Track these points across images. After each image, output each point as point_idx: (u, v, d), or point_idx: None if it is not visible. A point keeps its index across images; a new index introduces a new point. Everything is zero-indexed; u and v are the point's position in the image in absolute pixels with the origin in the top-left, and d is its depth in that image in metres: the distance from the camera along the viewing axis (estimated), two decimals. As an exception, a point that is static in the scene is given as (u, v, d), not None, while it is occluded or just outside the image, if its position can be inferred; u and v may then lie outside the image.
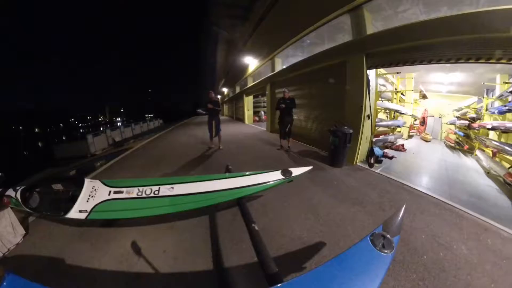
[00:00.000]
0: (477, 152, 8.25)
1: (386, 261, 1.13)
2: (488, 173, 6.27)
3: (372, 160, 5.64)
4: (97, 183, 2.74)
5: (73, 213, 2.47)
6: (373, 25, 5.68)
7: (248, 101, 17.68)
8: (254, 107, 19.97)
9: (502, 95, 7.22)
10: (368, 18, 5.43)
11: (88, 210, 2.47)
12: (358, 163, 5.78)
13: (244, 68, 15.89)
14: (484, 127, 7.76)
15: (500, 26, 3.13)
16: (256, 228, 1.83)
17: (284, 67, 10.20)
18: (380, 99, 8.00)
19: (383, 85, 8.51)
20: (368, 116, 5.65)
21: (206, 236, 2.59)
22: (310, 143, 7.85)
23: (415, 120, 13.12)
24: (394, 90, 9.45)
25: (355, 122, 5.51)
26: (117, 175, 4.99)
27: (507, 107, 6.37)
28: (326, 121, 6.66)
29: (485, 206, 4.00)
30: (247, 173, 2.72)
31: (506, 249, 2.67)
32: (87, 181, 2.75)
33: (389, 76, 8.88)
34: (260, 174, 2.69)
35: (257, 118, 19.42)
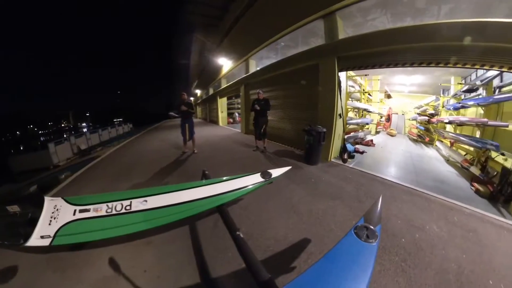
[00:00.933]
0: (437, 143, 9.39)
1: (373, 250, 1.20)
2: (447, 160, 7.23)
3: (345, 156, 6.00)
4: (60, 202, 2.35)
5: (34, 240, 2.04)
6: (344, 31, 6.00)
7: (222, 103, 17.45)
8: (228, 108, 19.78)
9: (456, 94, 8.45)
10: (340, 24, 5.73)
11: (52, 234, 2.06)
12: (332, 160, 6.06)
13: (218, 69, 15.67)
14: (441, 122, 8.82)
15: (455, 36, 3.65)
16: (241, 235, 1.78)
17: (258, 68, 10.25)
18: (350, 99, 8.46)
19: (353, 86, 9.02)
20: (339, 115, 5.97)
21: (188, 248, 2.41)
22: (285, 143, 7.96)
23: (381, 117, 14.34)
24: (363, 91, 10.11)
25: (328, 121, 5.79)
26: (85, 188, 4.44)
27: (460, 104, 7.28)
28: (301, 121, 6.88)
29: (448, 189, 4.61)
30: (225, 178, 2.61)
31: (471, 223, 3.15)
32: (47, 200, 2.34)
33: (358, 78, 9.62)
34: (239, 178, 2.61)
35: (231, 120, 19.24)
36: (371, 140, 9.19)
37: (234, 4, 10.08)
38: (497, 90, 5.96)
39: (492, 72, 5.74)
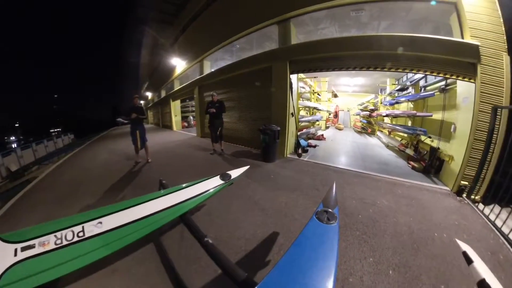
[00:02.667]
0: (378, 133, 11.12)
1: (335, 230, 1.33)
2: (387, 146, 8.60)
3: (300, 151, 6.41)
4: None
5: None
6: (297, 37, 6.45)
7: (175, 106, 16.22)
8: (182, 112, 18.51)
9: (391, 92, 9.98)
10: (293, 31, 6.13)
11: (-10, 289, 1.63)
12: (288, 155, 6.35)
13: (171, 69, 14.72)
14: (380, 115, 10.23)
15: (391, 46, 4.45)
16: (210, 241, 1.71)
17: (213, 70, 10.09)
18: (301, 99, 9.03)
19: (303, 87, 9.62)
20: (292, 114, 6.31)
21: (158, 267, 2.17)
22: (242, 143, 7.98)
23: (330, 114, 15.78)
24: (312, 91, 10.88)
25: (281, 120, 6.08)
26: (23, 221, 3.27)
27: (395, 100, 8.64)
28: (256, 121, 7.07)
29: (390, 169, 5.50)
30: (184, 185, 2.45)
31: (412, 193, 3.93)
32: None
33: (308, 79, 10.27)
34: (199, 184, 2.50)
35: (186, 124, 18.01)
36: (322, 135, 10.11)
37: (192, 2, 9.79)
38: (422, 89, 7.18)
39: (419, 75, 6.88)
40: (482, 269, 1.12)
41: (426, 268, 2.10)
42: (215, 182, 2.52)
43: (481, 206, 3.52)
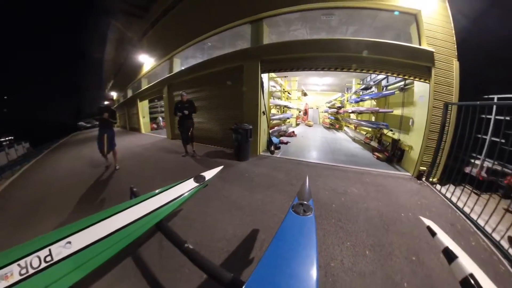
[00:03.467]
0: (345, 128, 11.89)
1: (312, 221, 1.40)
2: (354, 140, 9.19)
3: (272, 148, 6.42)
4: None
5: None
6: (269, 37, 6.41)
7: (143, 107, 14.98)
8: (151, 113, 17.31)
9: (356, 91, 10.49)
10: (266, 31, 6.12)
11: None
12: (261, 153, 6.32)
13: (139, 67, 13.61)
14: (347, 112, 11.02)
15: (357, 49, 4.79)
16: (191, 246, 1.64)
17: (183, 68, 9.69)
18: (272, 97, 9.10)
19: (274, 86, 9.76)
20: (263, 112, 6.31)
21: (140, 282, 1.98)
22: (214, 143, 7.71)
23: (300, 112, 16.24)
24: (283, 90, 11.12)
25: (253, 119, 6.04)
26: None
27: (359, 98, 9.21)
28: (228, 120, 6.87)
29: (357, 160, 5.90)
30: (157, 191, 2.29)
31: (378, 180, 4.30)
32: None
33: (278, 79, 10.47)
34: (172, 188, 2.36)
35: (155, 126, 16.72)
36: (293, 132, 10.42)
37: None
38: (384, 88, 7.73)
39: (382, 76, 7.44)
40: (444, 239, 1.28)
41: (397, 245, 2.31)
42: (189, 185, 2.41)
43: (438, 186, 4.06)
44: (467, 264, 1.10)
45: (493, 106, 4.07)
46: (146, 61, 12.00)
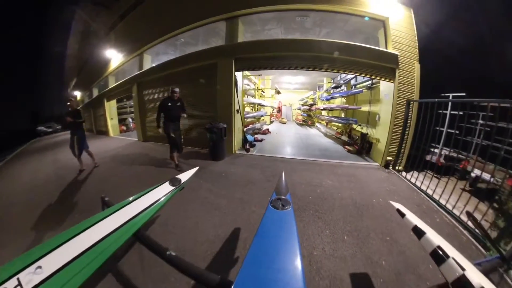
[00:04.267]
0: (317, 124, 12.27)
1: (291, 214, 1.41)
2: (326, 135, 9.59)
3: (248, 146, 6.33)
4: None
5: None
6: (244, 35, 6.33)
7: (111, 107, 13.59)
8: (119, 113, 15.52)
9: (327, 89, 10.87)
10: (241, 29, 6.05)
11: None
12: (237, 152, 6.20)
13: (105, 64, 12.28)
14: (318, 109, 11.29)
15: (328, 50, 5.01)
16: (173, 253, 1.54)
17: (154, 65, 9.21)
18: (246, 96, 9.06)
19: (248, 85, 9.67)
20: (237, 110, 6.21)
21: None
22: (188, 144, 7.36)
23: (274, 109, 16.44)
24: (257, 88, 11.16)
25: (227, 117, 5.94)
26: None
27: (330, 96, 9.58)
28: (201, 120, 6.66)
29: (330, 154, 6.15)
30: (131, 198, 2.11)
31: (350, 171, 4.60)
32: None
33: (252, 77, 10.48)
34: (147, 194, 2.19)
35: (124, 128, 15.24)
36: (267, 129, 10.42)
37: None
38: (353, 87, 8.16)
39: (351, 75, 7.72)
40: (412, 218, 1.45)
41: (372, 228, 2.48)
42: (165, 189, 2.26)
43: (404, 173, 4.53)
44: (434, 238, 1.26)
45: (449, 102, 4.70)
46: (114, 56, 10.99)
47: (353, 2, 5.06)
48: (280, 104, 17.44)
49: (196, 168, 2.63)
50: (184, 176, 2.42)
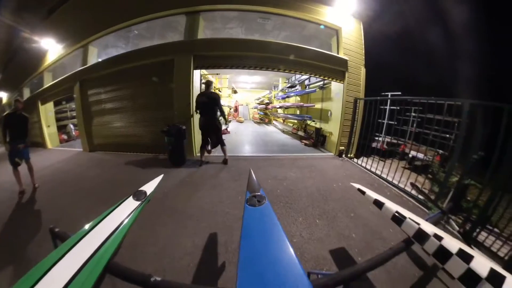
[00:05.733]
0: (274, 122, 12.85)
1: (269, 207, 1.44)
2: (283, 131, 9.98)
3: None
4: None
5: None
6: (204, 32, 6.01)
7: (47, 112, 10.89)
8: (58, 119, 12.29)
9: (283, 88, 11.35)
10: (201, 25, 5.72)
11: None
12: (198, 154, 5.50)
13: (40, 56, 9.82)
14: (275, 107, 11.76)
15: (286, 52, 5.27)
16: (158, 278, 1.31)
17: (101, 60, 7.93)
18: None
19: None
20: (196, 111, 6.05)
21: None
22: (144, 150, 6.43)
23: (231, 109, 16.34)
24: (214, 88, 10.94)
25: (185, 118, 5.59)
26: None
27: (286, 95, 10.06)
28: (158, 122, 5.96)
29: (289, 148, 6.49)
30: (90, 224, 1.62)
31: (309, 163, 4.90)
32: None
33: (210, 76, 10.09)
34: (110, 215, 1.76)
35: (65, 137, 12.08)
36: (226, 129, 10.14)
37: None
38: (307, 87, 8.62)
39: (305, 76, 8.16)
40: (372, 194, 1.68)
41: (338, 208, 2.73)
42: (129, 205, 1.87)
43: (355, 160, 5.18)
44: (391, 206, 1.52)
45: (388, 100, 5.58)
46: (52, 48, 8.92)
47: (312, 11, 5.43)
48: (237, 104, 17.47)
49: (161, 176, 2.27)
50: (149, 187, 2.08)
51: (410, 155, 5.20)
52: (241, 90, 16.80)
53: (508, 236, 2.15)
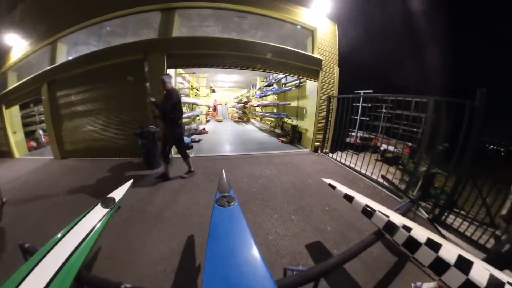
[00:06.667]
0: (252, 120, 12.76)
1: (238, 208, 1.39)
2: (261, 129, 9.99)
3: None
4: None
5: None
6: (179, 30, 5.71)
7: (13, 116, 9.78)
8: (25, 124, 10.96)
9: (260, 87, 11.24)
10: (177, 22, 5.41)
11: None
12: (173, 155, 5.26)
13: (3, 54, 9.04)
14: (253, 106, 11.73)
15: (263, 51, 5.18)
16: (128, 285, 1.27)
17: (71, 58, 7.31)
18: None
19: (182, 83, 9.01)
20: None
21: None
22: (117, 154, 5.98)
23: (209, 108, 15.92)
24: (191, 87, 10.57)
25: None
26: None
27: (263, 94, 10.03)
28: (131, 124, 5.53)
29: (266, 146, 6.39)
30: (60, 235, 1.57)
31: (285, 159, 4.87)
32: None
33: (186, 75, 9.78)
34: (78, 224, 1.69)
35: (34, 144, 10.73)
36: (204, 129, 9.87)
37: None
38: (284, 85, 8.56)
39: (282, 75, 8.10)
40: (342, 188, 1.71)
41: (313, 203, 2.71)
42: (98, 213, 1.80)
43: (330, 154, 5.28)
44: (361, 199, 1.55)
45: (360, 97, 5.78)
46: (16, 44, 8.15)
47: (289, 12, 5.40)
48: (215, 103, 17.14)
49: (130, 182, 2.18)
50: (117, 194, 1.98)
51: (381, 148, 5.50)
52: (219, 89, 16.46)
53: (474, 217, 2.37)
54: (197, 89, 11.48)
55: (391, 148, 5.19)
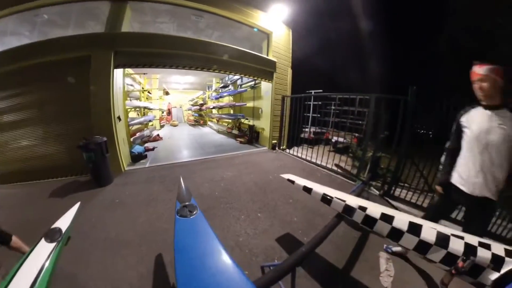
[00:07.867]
0: (209, 123, 12.44)
1: (201, 216, 1.33)
2: (218, 131, 9.78)
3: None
4: None
5: None
6: (130, 24, 5.04)
7: None
8: None
9: (216, 89, 11.04)
10: (128, 15, 4.68)
11: None
12: (126, 168, 4.78)
13: None
14: (209, 108, 11.29)
15: (219, 52, 5.06)
16: None
17: None
18: (128, 98, 7.12)
19: (131, 85, 7.83)
20: (118, 117, 4.73)
21: None
22: (59, 174, 4.97)
23: (163, 112, 14.79)
24: (142, 89, 9.51)
25: (106, 128, 4.39)
26: None
27: (219, 95, 9.82)
28: (73, 136, 4.60)
29: (225, 148, 6.24)
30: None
31: (245, 159, 4.92)
32: None
33: (136, 76, 8.58)
34: (21, 268, 1.11)
35: None
36: (158, 135, 8.81)
37: None
38: (239, 86, 8.65)
39: (237, 76, 8.06)
40: (300, 181, 1.80)
41: (277, 198, 2.77)
42: (43, 250, 1.35)
43: (287, 150, 5.54)
44: (319, 189, 1.65)
45: (312, 96, 6.18)
46: None
47: (246, 14, 5.40)
48: (169, 106, 15.91)
49: (77, 205, 1.73)
50: (63, 222, 1.57)
51: (333, 140, 6.09)
52: (173, 91, 15.31)
53: (416, 187, 2.96)
54: (149, 92, 10.42)
55: (341, 139, 5.75)
